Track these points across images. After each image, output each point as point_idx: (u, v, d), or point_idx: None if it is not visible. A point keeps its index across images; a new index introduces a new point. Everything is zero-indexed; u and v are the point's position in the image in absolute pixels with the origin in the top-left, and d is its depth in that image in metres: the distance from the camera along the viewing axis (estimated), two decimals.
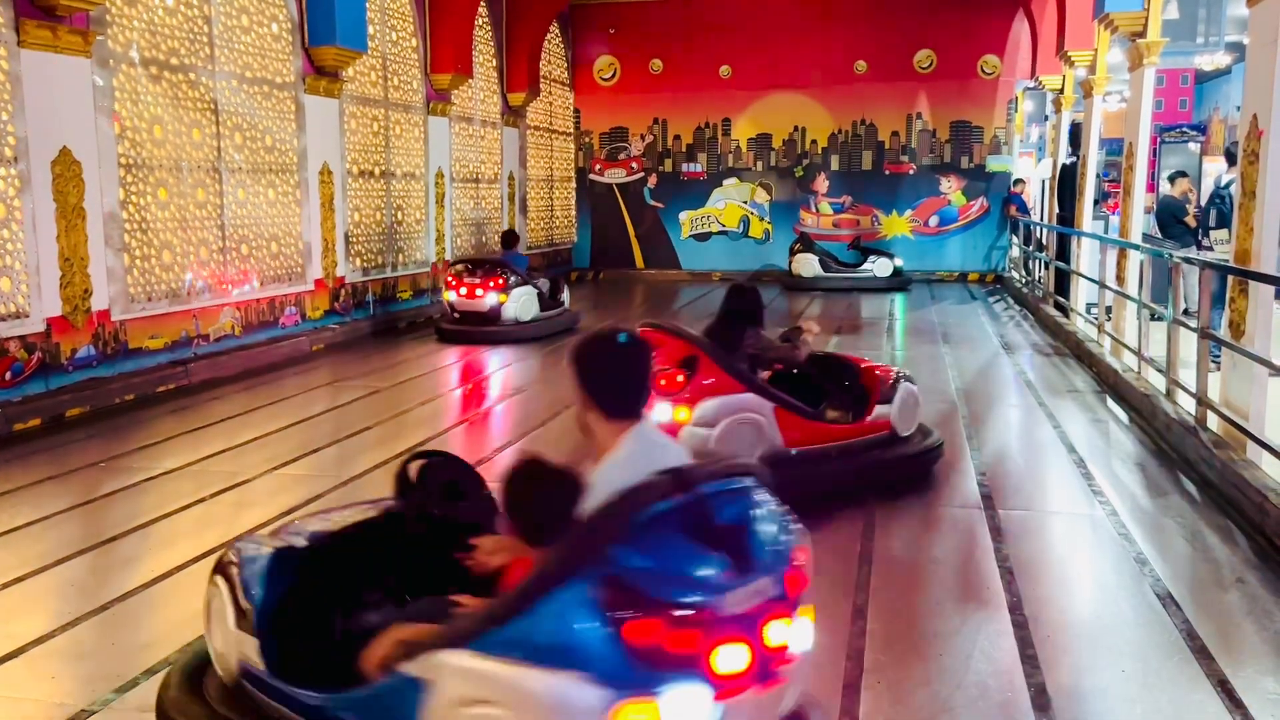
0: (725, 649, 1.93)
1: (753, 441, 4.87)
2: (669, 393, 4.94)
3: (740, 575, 2.02)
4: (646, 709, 1.87)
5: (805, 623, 2.16)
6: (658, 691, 1.87)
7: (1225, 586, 4.05)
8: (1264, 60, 5.40)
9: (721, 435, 4.81)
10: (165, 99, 8.15)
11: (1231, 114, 25.22)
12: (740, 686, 1.95)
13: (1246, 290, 5.51)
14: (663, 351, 4.99)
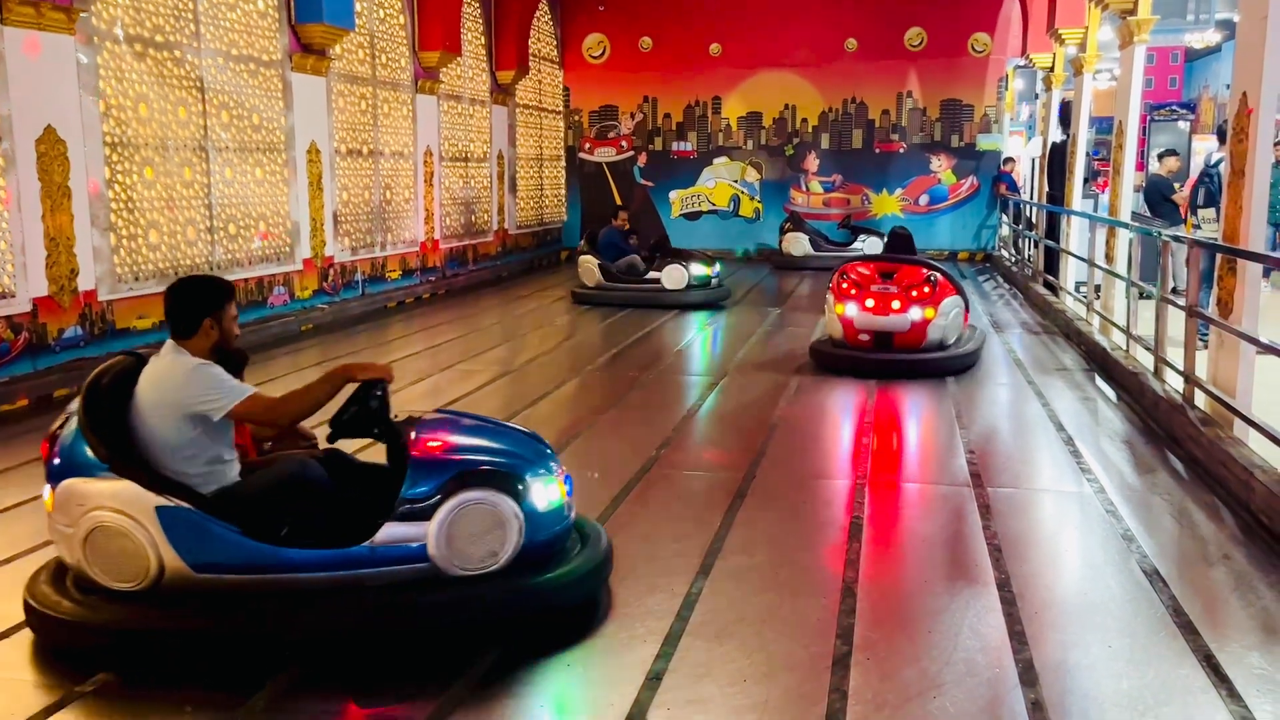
0: None
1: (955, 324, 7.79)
2: (926, 300, 7.54)
3: None
4: None
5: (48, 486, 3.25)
6: None
7: (1211, 563, 4.08)
8: (1254, 38, 5.40)
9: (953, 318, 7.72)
10: (150, 77, 8.08)
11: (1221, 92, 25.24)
12: None
13: (1235, 268, 5.53)
14: (903, 274, 7.72)
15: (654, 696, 2.98)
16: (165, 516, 3.17)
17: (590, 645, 3.35)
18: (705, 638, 3.36)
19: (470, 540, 3.32)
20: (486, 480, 3.36)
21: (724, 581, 3.81)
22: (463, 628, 3.32)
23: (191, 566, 3.20)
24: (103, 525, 3.18)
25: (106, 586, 3.22)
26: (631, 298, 11.38)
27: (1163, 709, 2.92)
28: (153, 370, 3.39)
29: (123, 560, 3.19)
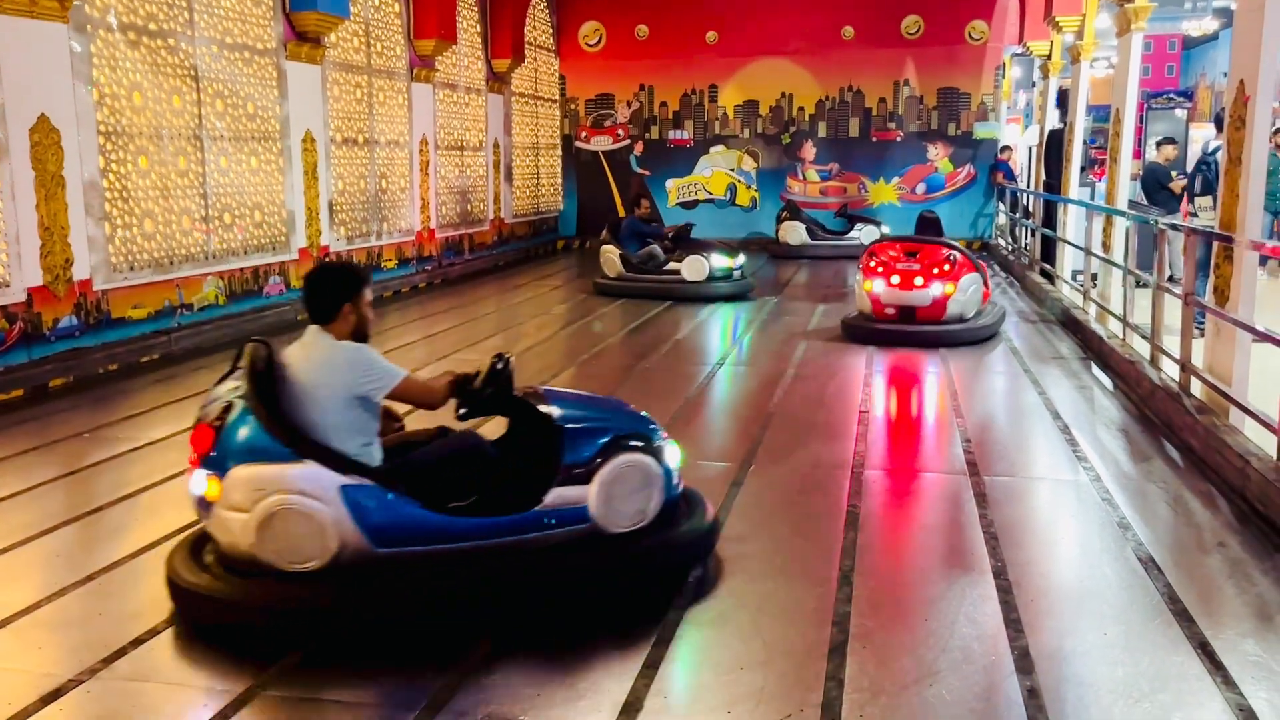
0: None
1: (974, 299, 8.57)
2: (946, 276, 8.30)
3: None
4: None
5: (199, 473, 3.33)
6: None
7: (1207, 550, 4.09)
8: (1251, 26, 5.39)
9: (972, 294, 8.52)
10: (144, 65, 8.04)
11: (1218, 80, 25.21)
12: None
13: (1232, 256, 5.53)
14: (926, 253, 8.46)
15: (650, 684, 2.99)
16: (350, 495, 3.26)
17: (587, 633, 3.36)
18: (702, 625, 3.37)
19: (625, 499, 3.59)
20: (635, 444, 3.64)
21: (721, 569, 3.82)
22: (621, 583, 3.58)
23: (373, 542, 3.29)
24: (285, 507, 3.23)
25: (277, 568, 3.26)
26: (652, 289, 11.12)
27: (1158, 696, 2.93)
28: (306, 354, 3.48)
29: (303, 541, 3.25)
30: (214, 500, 3.31)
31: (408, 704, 2.90)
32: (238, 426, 3.32)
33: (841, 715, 2.82)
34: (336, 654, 3.22)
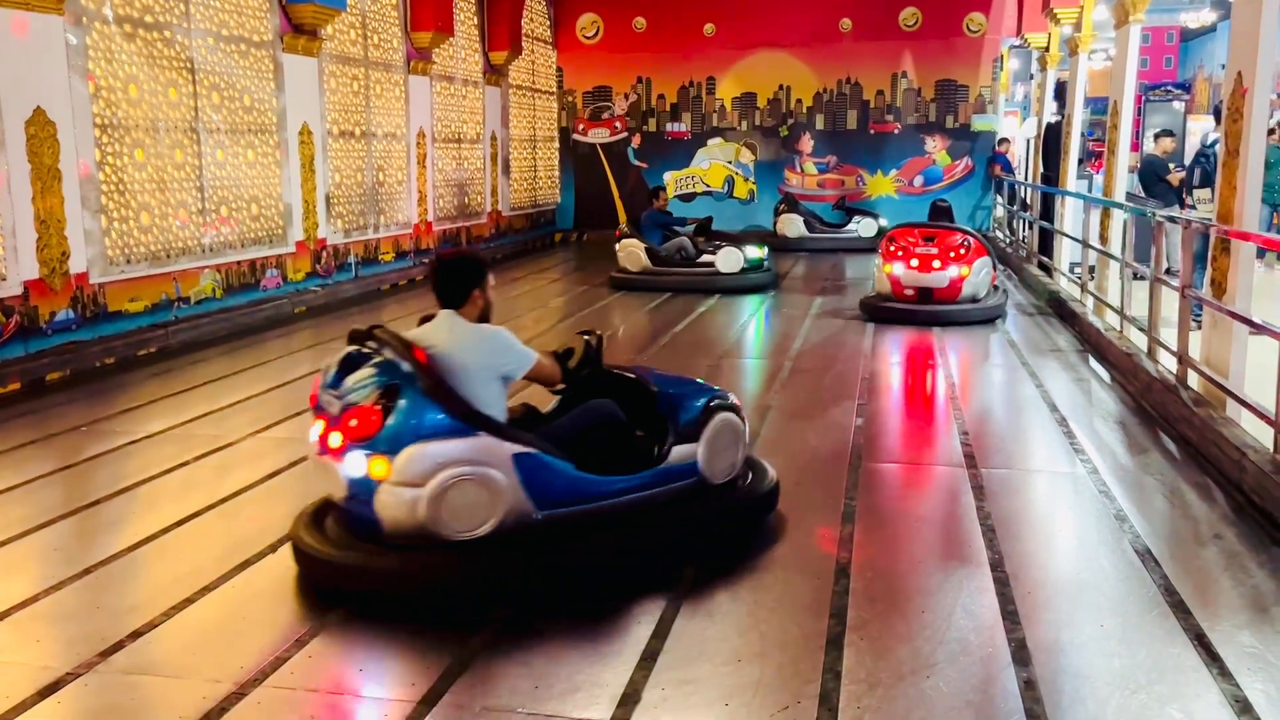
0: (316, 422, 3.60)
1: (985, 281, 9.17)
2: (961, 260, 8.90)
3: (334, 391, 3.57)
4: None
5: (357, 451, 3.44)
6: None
7: (1203, 542, 4.10)
8: (1249, 17, 5.38)
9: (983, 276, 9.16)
10: (140, 57, 8.02)
11: (1216, 72, 25.18)
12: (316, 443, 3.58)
13: (1229, 249, 5.53)
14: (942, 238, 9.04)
15: (648, 676, 2.99)
16: (520, 462, 3.50)
17: (585, 626, 3.36)
18: (699, 618, 3.37)
19: (723, 454, 4.03)
20: (726, 405, 4.09)
21: (718, 561, 3.82)
22: (723, 530, 4.00)
23: (537, 506, 3.55)
24: (463, 478, 3.42)
25: (445, 538, 3.45)
26: (684, 282, 10.99)
27: (1154, 687, 2.94)
28: (450, 336, 3.64)
29: (477, 509, 3.46)
30: (381, 479, 3.42)
31: (406, 696, 2.90)
32: (411, 405, 3.44)
33: (839, 707, 2.82)
34: (333, 647, 3.22)
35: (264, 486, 4.81)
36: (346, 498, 3.55)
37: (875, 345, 8.13)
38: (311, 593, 3.62)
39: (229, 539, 4.13)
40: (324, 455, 3.56)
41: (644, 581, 3.63)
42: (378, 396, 3.47)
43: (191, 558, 3.94)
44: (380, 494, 3.44)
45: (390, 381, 3.48)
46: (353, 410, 3.48)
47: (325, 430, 3.56)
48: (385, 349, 3.58)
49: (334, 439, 3.51)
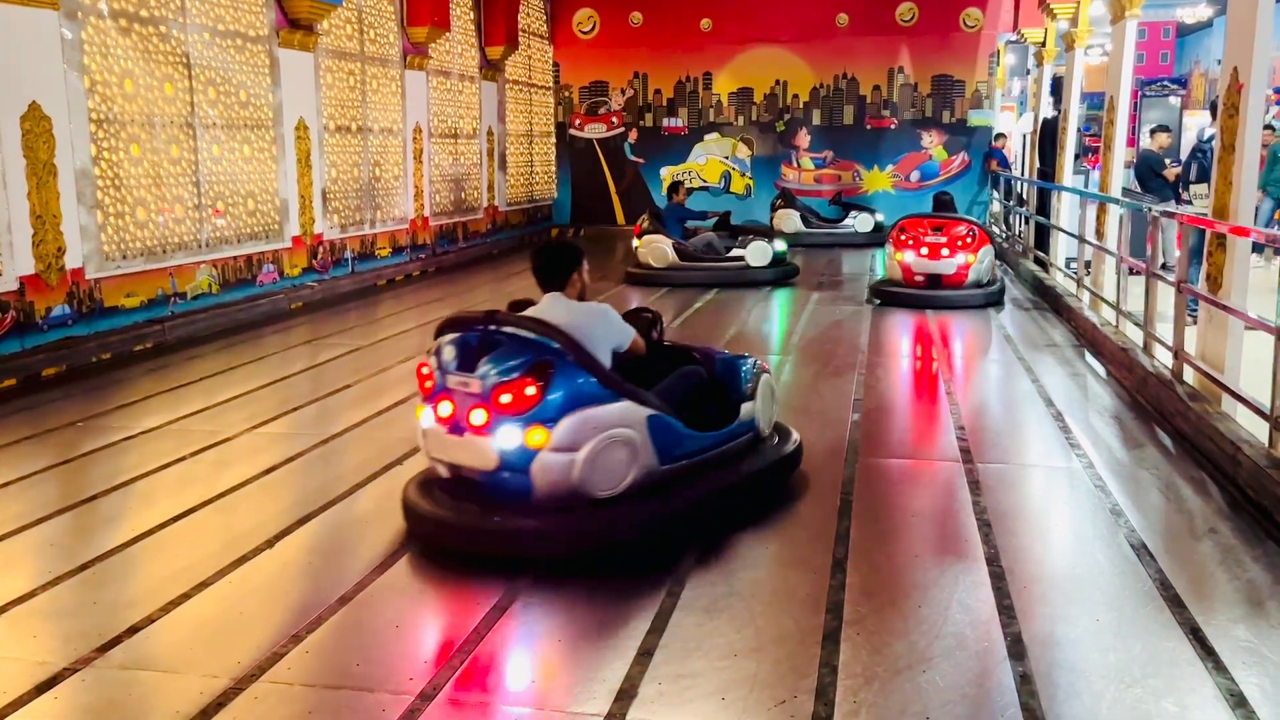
0: (441, 402, 3.84)
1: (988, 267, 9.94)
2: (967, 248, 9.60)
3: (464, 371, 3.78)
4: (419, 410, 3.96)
5: (510, 424, 3.68)
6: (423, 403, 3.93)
7: (1198, 537, 4.11)
8: (1245, 13, 5.39)
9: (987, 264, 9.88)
10: (136, 52, 8.00)
11: (1212, 67, 25.19)
12: (442, 423, 3.85)
13: (1224, 244, 5.54)
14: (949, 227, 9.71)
15: (645, 671, 3.00)
16: (651, 423, 3.90)
17: (582, 621, 3.37)
18: (696, 613, 3.38)
19: (766, 409, 4.58)
20: (765, 369, 4.65)
21: (714, 557, 3.83)
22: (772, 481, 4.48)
23: (660, 461, 3.93)
24: (611, 441, 3.77)
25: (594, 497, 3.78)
26: (714, 276, 11.06)
27: (1149, 681, 2.95)
28: (567, 314, 3.98)
29: (618, 469, 3.81)
30: (539, 447, 3.68)
31: (403, 689, 2.91)
32: (568, 378, 3.75)
33: (835, 701, 2.83)
34: (331, 643, 3.23)
35: (261, 482, 4.81)
36: (494, 469, 3.75)
37: (872, 341, 8.14)
38: (317, 582, 3.62)
39: (226, 534, 4.13)
40: (460, 433, 3.78)
41: (641, 575, 3.64)
42: (528, 372, 3.71)
43: (188, 553, 3.94)
44: (538, 461, 3.68)
45: (538, 358, 3.73)
46: (504, 386, 3.70)
47: (458, 410, 3.78)
48: (517, 329, 3.85)
49: (477, 416, 3.72)
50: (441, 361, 3.89)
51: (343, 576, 3.69)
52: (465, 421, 3.75)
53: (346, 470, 4.97)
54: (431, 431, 3.91)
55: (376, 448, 5.28)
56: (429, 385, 3.91)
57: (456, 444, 3.82)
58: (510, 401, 3.68)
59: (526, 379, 3.70)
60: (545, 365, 3.73)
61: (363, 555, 3.90)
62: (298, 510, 4.39)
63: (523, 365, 3.73)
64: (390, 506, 4.21)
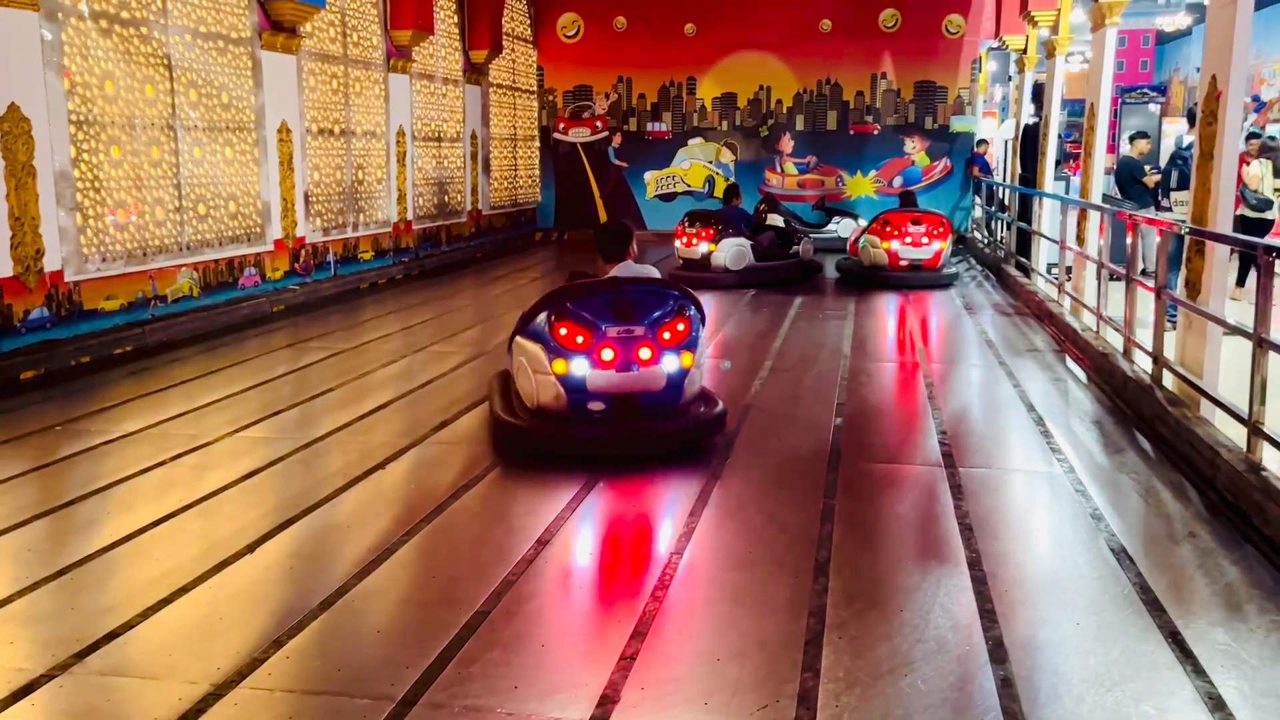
0: (606, 349, 4.86)
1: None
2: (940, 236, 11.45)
3: (624, 323, 4.90)
4: (561, 364, 4.88)
5: (671, 354, 4.96)
6: (567, 356, 4.88)
7: (1177, 540, 4.14)
8: (1223, 22, 5.44)
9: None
10: (116, 54, 7.95)
11: (1191, 75, 25.40)
12: (608, 365, 4.87)
13: (1203, 250, 5.59)
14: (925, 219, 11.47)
15: (627, 676, 2.99)
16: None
17: (564, 626, 3.36)
18: (678, 617, 3.38)
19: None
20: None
21: (697, 561, 3.83)
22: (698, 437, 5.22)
23: None
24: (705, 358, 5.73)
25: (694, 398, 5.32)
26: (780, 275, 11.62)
27: (1129, 684, 2.97)
28: (643, 270, 5.35)
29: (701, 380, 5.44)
30: (688, 367, 5.04)
31: (384, 695, 2.89)
32: (698, 315, 5.17)
33: (818, 705, 2.83)
34: (312, 648, 3.21)
35: (242, 486, 4.78)
36: (659, 390, 4.98)
37: (854, 345, 8.16)
38: (298, 587, 3.60)
39: (206, 539, 4.10)
40: (629, 369, 4.89)
41: (624, 579, 3.63)
42: (676, 316, 5.02)
43: (168, 558, 3.91)
44: (689, 378, 5.07)
45: (682, 302, 5.09)
46: (665, 326, 4.97)
47: (621, 353, 4.89)
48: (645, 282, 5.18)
49: (644, 352, 4.91)
50: (588, 320, 4.91)
51: (324, 581, 3.67)
52: (635, 358, 4.89)
53: (328, 474, 4.95)
54: (596, 375, 4.91)
55: (359, 452, 5.26)
56: (580, 340, 4.90)
57: (626, 378, 4.92)
58: (671, 338, 4.97)
59: (678, 319, 5.02)
60: (684, 308, 5.06)
61: (344, 560, 3.88)
62: (279, 515, 4.36)
63: (672, 311, 5.02)
64: (372, 511, 4.18)
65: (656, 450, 5.02)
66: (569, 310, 4.95)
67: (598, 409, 4.97)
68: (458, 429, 5.77)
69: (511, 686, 2.95)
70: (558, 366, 4.92)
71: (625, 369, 4.89)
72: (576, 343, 4.90)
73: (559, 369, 4.92)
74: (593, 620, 3.38)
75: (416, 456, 5.25)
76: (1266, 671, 3.05)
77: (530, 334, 5.17)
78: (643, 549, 3.93)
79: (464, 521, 4.35)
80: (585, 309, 4.93)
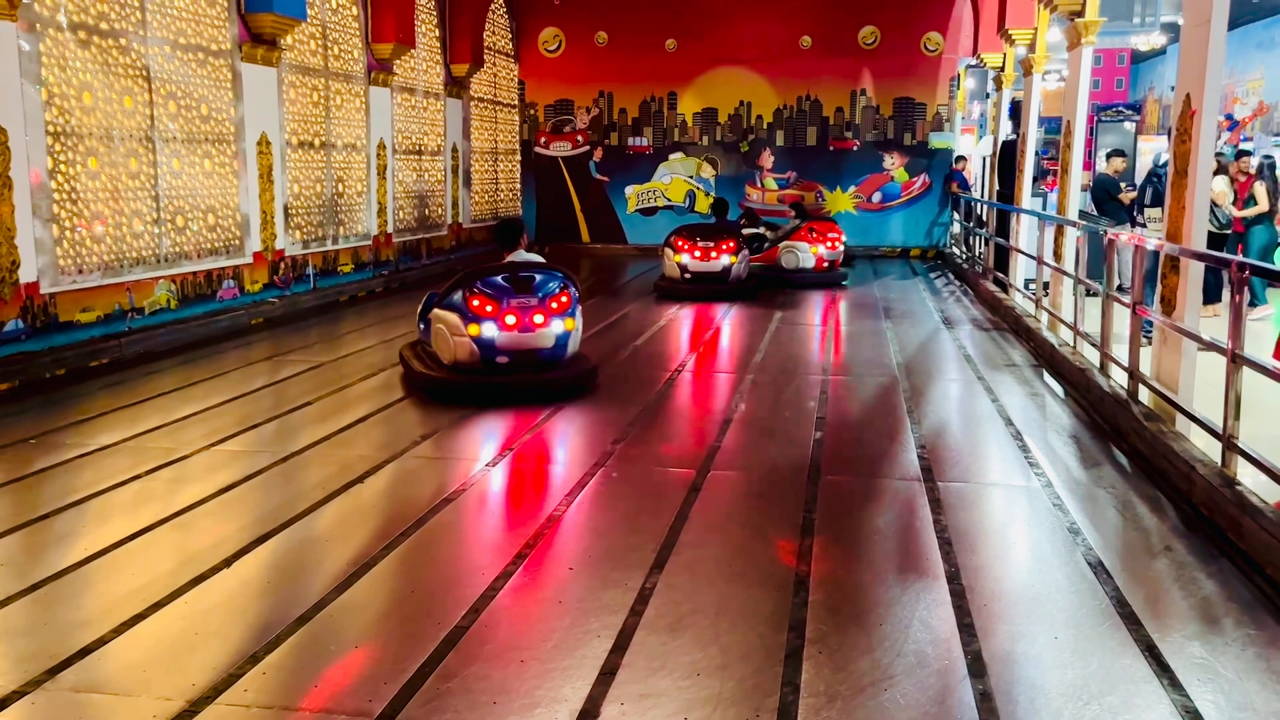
0: (509, 315, 6.39)
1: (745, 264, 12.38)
2: (729, 250, 11.92)
3: (522, 295, 6.45)
4: (474, 328, 6.38)
5: (558, 319, 6.50)
6: (480, 322, 6.39)
7: (1154, 554, 4.17)
8: (1197, 41, 5.51)
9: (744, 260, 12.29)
10: (95, 65, 7.91)
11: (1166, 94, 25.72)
12: (511, 328, 6.40)
13: (1178, 267, 5.64)
14: (716, 233, 12.10)
15: (608, 691, 2.98)
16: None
17: (544, 640, 3.35)
18: (659, 631, 3.37)
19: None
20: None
21: (678, 575, 3.83)
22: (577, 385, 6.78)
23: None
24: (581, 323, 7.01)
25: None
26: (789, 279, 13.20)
27: (1106, 698, 2.98)
28: (538, 257, 7.02)
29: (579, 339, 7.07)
30: (570, 329, 6.63)
31: (362, 711, 2.87)
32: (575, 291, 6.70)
33: (798, 719, 2.83)
34: (288, 663, 3.18)
35: (219, 499, 4.75)
36: (549, 348, 6.52)
37: (833, 360, 8.19)
38: (275, 601, 3.58)
39: (182, 553, 4.07)
40: (529, 330, 6.44)
41: (605, 594, 3.62)
42: (562, 290, 6.58)
43: (143, 572, 3.87)
44: (571, 338, 6.67)
45: (565, 281, 6.67)
46: (553, 295, 6.52)
47: (525, 314, 6.42)
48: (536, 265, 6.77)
49: (538, 318, 6.45)
50: (494, 294, 6.43)
51: (302, 596, 3.65)
52: (530, 323, 6.43)
53: (307, 488, 4.92)
54: (502, 335, 6.40)
55: (337, 465, 5.23)
56: (489, 309, 6.40)
57: (526, 337, 6.45)
58: (558, 306, 6.52)
59: (562, 292, 6.57)
60: (566, 284, 6.63)
61: (322, 574, 3.86)
62: (256, 528, 4.33)
63: (558, 286, 6.58)
64: (351, 525, 4.15)
65: (547, 394, 6.54)
66: (479, 287, 6.47)
67: (504, 361, 6.51)
68: (437, 443, 5.75)
69: (490, 701, 2.94)
70: (472, 329, 6.42)
71: (525, 330, 6.41)
72: (486, 311, 6.40)
73: (473, 331, 6.42)
74: (572, 634, 3.36)
75: (396, 470, 5.22)
76: (1242, 685, 3.07)
77: (447, 305, 6.66)
78: (623, 563, 3.92)
79: (443, 536, 4.33)
80: (491, 286, 6.48)
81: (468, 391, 6.46)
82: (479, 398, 6.43)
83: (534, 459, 5.56)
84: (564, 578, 3.77)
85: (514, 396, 6.45)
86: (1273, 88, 20.04)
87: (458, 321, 6.46)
